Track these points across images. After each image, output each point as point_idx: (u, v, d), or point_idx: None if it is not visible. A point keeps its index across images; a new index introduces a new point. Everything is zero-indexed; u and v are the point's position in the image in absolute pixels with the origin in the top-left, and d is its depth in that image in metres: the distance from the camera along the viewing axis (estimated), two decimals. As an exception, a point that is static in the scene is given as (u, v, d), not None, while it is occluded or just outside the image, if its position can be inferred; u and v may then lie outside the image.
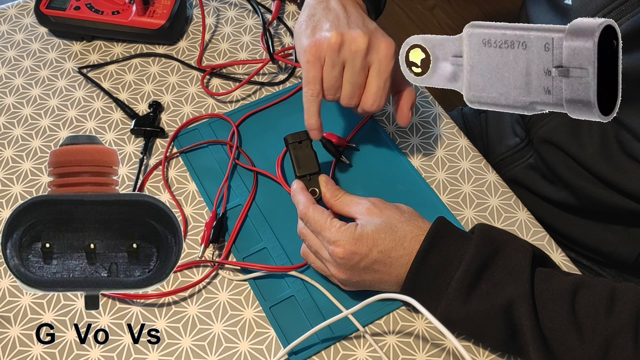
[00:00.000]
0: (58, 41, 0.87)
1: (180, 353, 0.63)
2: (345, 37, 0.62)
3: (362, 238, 0.59)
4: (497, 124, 0.87)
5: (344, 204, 0.63)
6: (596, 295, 0.56)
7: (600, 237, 0.78)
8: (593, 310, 0.56)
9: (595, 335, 0.55)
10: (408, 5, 2.11)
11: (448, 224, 0.60)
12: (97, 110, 0.80)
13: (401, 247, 0.59)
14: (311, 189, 0.65)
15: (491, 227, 0.60)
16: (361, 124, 0.76)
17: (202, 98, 0.81)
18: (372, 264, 0.59)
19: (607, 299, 0.56)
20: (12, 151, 0.77)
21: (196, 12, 0.90)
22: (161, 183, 0.74)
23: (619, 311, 0.55)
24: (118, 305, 0.65)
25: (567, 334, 0.55)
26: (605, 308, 0.55)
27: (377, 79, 0.63)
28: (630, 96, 0.65)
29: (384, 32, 0.65)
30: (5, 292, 0.66)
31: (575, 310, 0.56)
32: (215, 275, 0.67)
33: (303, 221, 0.63)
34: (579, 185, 0.73)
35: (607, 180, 0.70)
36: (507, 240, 0.59)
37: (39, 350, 0.63)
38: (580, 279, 0.58)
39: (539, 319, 0.56)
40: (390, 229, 0.59)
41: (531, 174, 0.81)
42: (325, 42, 0.62)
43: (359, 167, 0.74)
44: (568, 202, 0.78)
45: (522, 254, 0.57)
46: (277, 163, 0.73)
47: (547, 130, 0.74)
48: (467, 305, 0.57)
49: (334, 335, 0.63)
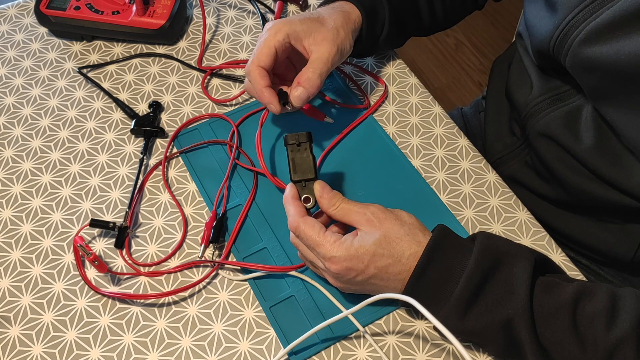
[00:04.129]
0: (58, 41, 0.87)
1: (180, 353, 0.63)
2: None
3: (358, 254, 0.58)
4: (495, 123, 0.87)
5: (342, 213, 0.62)
6: (597, 305, 0.56)
7: (596, 236, 0.78)
8: (595, 321, 0.55)
9: (598, 347, 0.55)
10: (408, 5, 2.11)
11: (447, 236, 0.59)
12: (97, 110, 0.80)
13: (399, 264, 0.59)
14: (305, 196, 0.63)
15: (491, 238, 0.59)
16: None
17: (202, 98, 0.81)
18: (369, 278, 0.59)
19: (609, 309, 0.55)
20: (12, 151, 0.77)
21: (196, 12, 0.90)
22: (161, 183, 0.74)
23: (621, 320, 0.55)
24: (118, 305, 0.65)
25: (569, 346, 0.55)
26: (606, 318, 0.55)
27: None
28: (610, 91, 0.65)
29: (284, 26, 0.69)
30: (5, 292, 0.66)
31: (577, 322, 0.56)
32: (215, 275, 0.67)
33: (294, 234, 0.62)
34: (574, 181, 0.73)
35: (601, 175, 0.70)
36: (508, 252, 0.58)
37: (39, 350, 0.63)
38: (581, 287, 0.57)
39: (540, 333, 0.56)
40: (389, 244, 0.58)
41: (527, 171, 0.81)
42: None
43: (359, 167, 0.74)
44: (564, 200, 0.78)
45: (523, 266, 0.57)
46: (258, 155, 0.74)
47: (544, 124, 0.74)
48: (465, 322, 0.57)
49: (334, 335, 0.63)
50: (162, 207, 0.72)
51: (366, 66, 0.84)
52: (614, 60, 0.62)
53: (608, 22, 0.62)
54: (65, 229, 0.70)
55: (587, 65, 0.65)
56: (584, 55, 0.64)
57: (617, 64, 0.62)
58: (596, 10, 0.63)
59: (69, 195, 0.73)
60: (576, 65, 0.67)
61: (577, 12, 0.65)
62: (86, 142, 0.77)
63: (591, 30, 0.63)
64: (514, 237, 0.70)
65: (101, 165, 0.75)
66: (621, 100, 0.64)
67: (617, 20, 0.61)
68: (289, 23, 0.69)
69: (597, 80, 0.65)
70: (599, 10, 0.63)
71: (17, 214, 0.72)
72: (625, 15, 0.60)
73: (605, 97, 0.66)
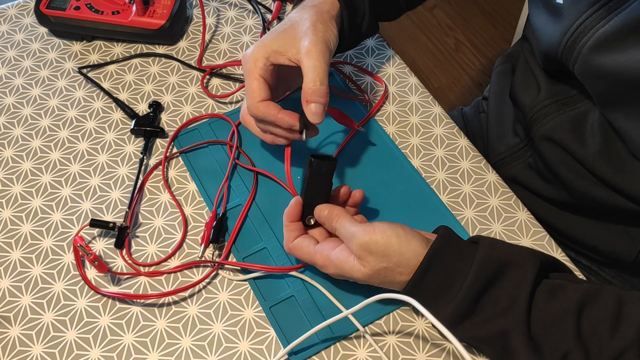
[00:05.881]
0: (58, 41, 0.87)
1: (180, 353, 0.63)
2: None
3: (351, 273, 0.60)
4: (497, 124, 0.87)
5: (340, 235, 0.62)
6: (602, 312, 0.55)
7: (598, 237, 0.78)
8: (599, 329, 0.55)
9: (602, 355, 0.54)
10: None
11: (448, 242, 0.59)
12: (97, 110, 0.80)
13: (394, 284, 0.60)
14: (308, 217, 0.64)
15: (494, 247, 0.58)
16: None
17: (202, 98, 0.81)
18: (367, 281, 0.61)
19: (614, 316, 0.55)
20: (12, 151, 0.77)
21: (196, 12, 0.90)
22: (161, 183, 0.74)
23: (626, 328, 0.54)
24: (118, 305, 0.65)
25: (573, 355, 0.55)
26: (611, 326, 0.55)
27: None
28: (620, 98, 0.65)
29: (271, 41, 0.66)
30: (5, 292, 0.66)
31: (581, 331, 0.55)
32: (215, 275, 0.67)
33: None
34: (578, 184, 0.73)
35: (606, 180, 0.70)
36: (510, 262, 0.57)
37: (39, 350, 0.63)
38: (587, 292, 0.56)
39: (541, 341, 0.55)
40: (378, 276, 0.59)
41: (530, 173, 0.81)
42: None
43: (359, 167, 0.74)
44: (566, 201, 0.78)
45: (525, 276, 0.56)
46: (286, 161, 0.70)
47: (549, 128, 0.74)
48: (460, 331, 0.57)
49: (334, 335, 0.63)
50: (162, 207, 0.72)
51: (366, 66, 0.84)
52: (625, 68, 0.61)
53: (617, 29, 0.61)
54: (65, 229, 0.70)
55: (597, 72, 0.64)
56: (594, 62, 0.64)
57: (628, 72, 0.61)
58: (605, 16, 0.62)
59: (69, 195, 0.73)
60: (586, 71, 0.66)
61: (586, 18, 0.64)
62: (86, 142, 0.77)
63: (601, 36, 0.63)
64: (514, 237, 0.69)
65: (101, 165, 0.75)
66: (631, 107, 0.64)
67: (626, 27, 0.61)
68: (262, 46, 0.65)
69: (606, 87, 0.65)
70: (608, 16, 0.62)
71: (17, 214, 0.72)
72: (634, 23, 0.60)
73: (614, 104, 0.66)
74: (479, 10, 2.10)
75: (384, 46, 0.86)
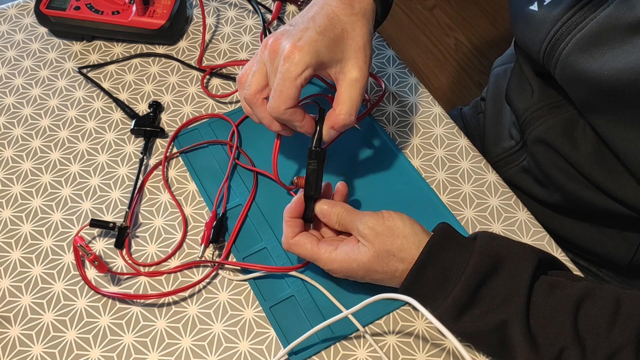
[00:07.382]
0: (58, 41, 0.87)
1: (180, 353, 0.63)
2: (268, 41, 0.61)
3: (352, 268, 0.60)
4: (494, 126, 0.87)
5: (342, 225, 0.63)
6: (600, 308, 0.55)
7: (594, 240, 0.78)
8: (597, 326, 0.55)
9: (597, 353, 0.54)
10: (408, 5, 2.11)
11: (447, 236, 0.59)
12: (97, 110, 0.80)
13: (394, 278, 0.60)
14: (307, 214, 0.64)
15: (492, 241, 0.58)
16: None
17: (202, 98, 0.81)
18: (367, 277, 0.61)
19: (611, 313, 0.55)
20: (12, 151, 0.77)
21: (196, 12, 0.90)
22: (161, 183, 0.74)
23: (623, 326, 0.54)
24: (118, 305, 0.65)
25: (569, 351, 0.55)
26: (608, 323, 0.55)
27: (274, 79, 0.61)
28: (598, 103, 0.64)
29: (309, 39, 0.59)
30: (5, 292, 0.66)
31: (578, 326, 0.55)
32: (215, 275, 0.67)
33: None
34: (570, 188, 0.73)
35: (597, 184, 0.70)
36: (508, 255, 0.58)
37: (39, 350, 0.63)
38: (585, 288, 0.57)
39: (538, 335, 0.56)
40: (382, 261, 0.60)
41: (525, 176, 0.81)
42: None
43: (359, 167, 0.74)
44: (560, 205, 0.78)
45: (523, 269, 0.57)
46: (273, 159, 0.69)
47: (542, 130, 0.74)
48: (459, 324, 0.57)
49: (334, 335, 0.63)
50: (162, 207, 0.72)
51: (366, 66, 0.83)
52: (597, 75, 0.61)
53: (590, 34, 0.62)
54: (65, 229, 0.70)
55: (575, 79, 0.65)
56: (572, 68, 0.64)
57: (600, 79, 0.61)
58: (580, 22, 0.63)
59: (69, 195, 0.73)
60: (565, 77, 0.66)
61: (563, 24, 0.64)
62: (86, 142, 0.77)
63: (577, 41, 0.63)
64: (513, 237, 0.70)
65: (101, 165, 0.75)
66: (609, 113, 0.64)
67: (598, 32, 0.61)
68: (315, 52, 0.58)
69: (585, 93, 0.65)
70: (583, 21, 0.63)
71: (17, 214, 0.72)
72: (605, 29, 0.60)
73: (594, 109, 0.66)
74: (479, 10, 2.10)
75: (384, 46, 0.86)
